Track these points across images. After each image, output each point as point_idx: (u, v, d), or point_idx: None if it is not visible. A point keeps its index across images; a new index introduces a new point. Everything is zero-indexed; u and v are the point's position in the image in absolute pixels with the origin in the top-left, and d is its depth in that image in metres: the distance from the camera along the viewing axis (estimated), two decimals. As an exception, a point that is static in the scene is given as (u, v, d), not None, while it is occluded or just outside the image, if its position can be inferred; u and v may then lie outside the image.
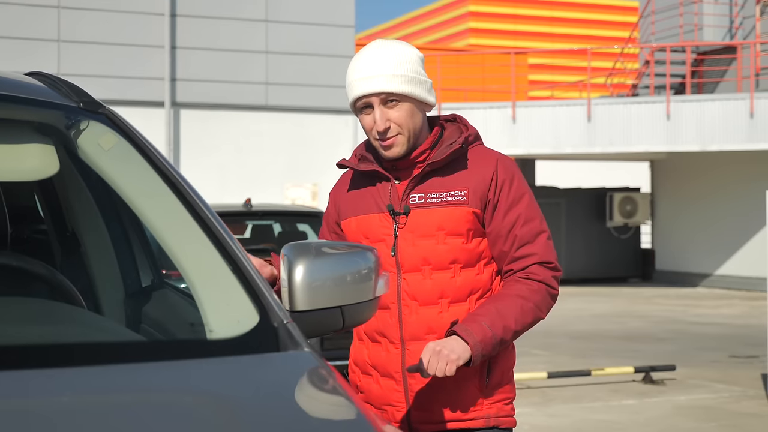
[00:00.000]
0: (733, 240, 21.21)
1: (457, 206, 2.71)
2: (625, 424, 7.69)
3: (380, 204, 2.76)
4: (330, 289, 2.04)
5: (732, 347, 11.98)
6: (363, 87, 2.70)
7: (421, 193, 2.73)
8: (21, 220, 2.96)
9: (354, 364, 2.87)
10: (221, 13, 18.83)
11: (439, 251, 2.70)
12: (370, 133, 2.73)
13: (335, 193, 2.91)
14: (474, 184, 2.73)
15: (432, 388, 2.72)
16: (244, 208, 9.12)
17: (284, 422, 1.69)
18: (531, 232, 2.75)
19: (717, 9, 22.42)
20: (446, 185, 2.73)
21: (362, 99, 2.71)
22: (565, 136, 19.60)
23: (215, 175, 18.50)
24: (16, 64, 16.42)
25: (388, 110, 2.70)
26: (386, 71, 2.69)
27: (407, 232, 2.72)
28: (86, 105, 2.24)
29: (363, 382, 2.83)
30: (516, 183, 2.77)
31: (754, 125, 18.79)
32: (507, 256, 2.75)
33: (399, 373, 2.73)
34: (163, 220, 2.16)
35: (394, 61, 2.71)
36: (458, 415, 2.73)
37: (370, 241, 2.74)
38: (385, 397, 2.76)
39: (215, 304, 2.01)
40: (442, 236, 2.71)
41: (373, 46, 2.76)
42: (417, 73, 2.72)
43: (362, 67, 2.72)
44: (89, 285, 2.56)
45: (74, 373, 1.71)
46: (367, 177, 2.81)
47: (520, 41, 44.87)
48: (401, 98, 2.70)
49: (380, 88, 2.68)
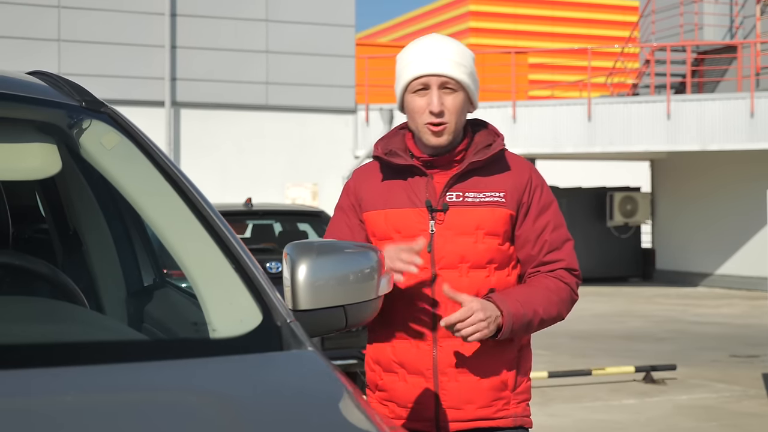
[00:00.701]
0: (734, 239, 21.21)
1: (496, 207, 2.73)
2: (625, 424, 7.69)
3: (414, 199, 2.74)
4: (333, 288, 2.03)
5: (732, 347, 11.98)
6: (426, 66, 2.69)
7: (459, 192, 2.73)
8: (23, 219, 2.96)
9: (374, 363, 2.81)
10: (222, 12, 18.82)
11: (478, 250, 2.71)
12: (421, 116, 2.71)
13: (356, 184, 2.86)
14: (511, 187, 2.76)
15: (464, 387, 2.71)
16: (244, 207, 9.12)
17: (287, 421, 1.69)
18: (559, 239, 2.80)
19: (717, 8, 22.41)
20: (484, 185, 2.75)
21: (421, 79, 2.70)
22: (566, 135, 19.59)
23: (216, 175, 18.50)
24: (16, 63, 16.41)
25: (444, 95, 2.70)
26: (451, 57, 2.70)
27: (445, 229, 2.71)
28: (88, 104, 2.24)
29: (385, 381, 2.78)
30: (546, 190, 2.83)
31: (755, 125, 18.78)
32: (534, 260, 2.79)
33: (430, 371, 2.71)
34: (165, 219, 2.16)
35: (458, 51, 2.73)
36: (489, 413, 2.74)
37: (402, 236, 2.72)
38: (413, 396, 2.74)
39: (218, 303, 2.00)
40: (481, 235, 2.71)
41: (435, 36, 2.77)
42: (473, 70, 2.76)
43: (426, 49, 2.72)
44: (91, 284, 2.56)
45: (77, 372, 1.71)
46: (397, 171, 2.78)
47: (521, 41, 44.85)
48: (458, 88, 2.71)
49: (444, 71, 2.69)
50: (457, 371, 2.70)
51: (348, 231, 2.82)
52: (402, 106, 2.79)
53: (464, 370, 2.71)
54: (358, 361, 7.94)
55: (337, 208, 2.89)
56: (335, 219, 2.87)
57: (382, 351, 2.78)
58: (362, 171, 2.89)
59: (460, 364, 2.71)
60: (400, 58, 2.77)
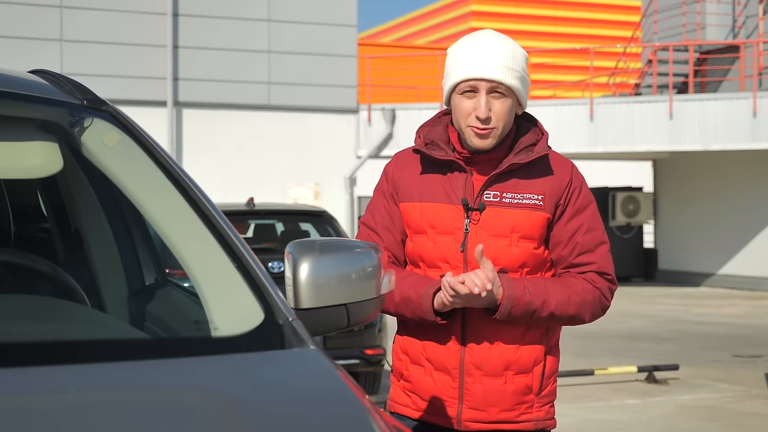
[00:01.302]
0: (736, 239, 21.19)
1: (533, 210, 2.69)
2: (628, 424, 7.68)
3: (451, 195, 2.70)
4: (335, 287, 2.03)
5: (735, 347, 11.97)
6: (476, 70, 2.64)
7: (497, 192, 2.69)
8: (24, 217, 2.96)
9: (403, 353, 2.81)
10: (223, 12, 18.83)
11: (512, 254, 2.68)
12: (466, 118, 2.66)
13: (395, 170, 2.81)
14: (550, 189, 2.71)
15: (489, 389, 2.70)
16: (246, 207, 9.12)
17: (289, 420, 1.69)
18: (593, 242, 2.75)
19: (720, 8, 22.39)
20: (522, 187, 2.70)
21: (470, 81, 2.65)
22: (568, 135, 19.58)
23: (217, 175, 18.50)
24: (19, 63, 16.40)
25: (492, 100, 2.65)
26: (502, 61, 2.65)
27: (480, 229, 2.68)
28: (90, 102, 2.23)
29: (411, 372, 2.78)
30: (585, 191, 2.78)
31: (757, 124, 18.77)
32: (565, 261, 2.75)
33: (456, 370, 2.70)
34: (167, 218, 2.16)
35: (510, 54, 2.67)
36: (511, 416, 2.73)
37: (435, 232, 2.69)
38: (437, 391, 2.73)
39: (220, 301, 2.00)
40: (516, 239, 2.68)
41: (488, 33, 2.71)
42: (525, 72, 2.70)
43: (478, 50, 2.66)
44: (93, 283, 2.56)
45: (78, 370, 1.71)
46: (437, 163, 2.74)
47: (523, 41, 44.83)
48: (508, 92, 2.66)
49: (494, 76, 2.63)
50: (483, 374, 2.70)
51: (388, 218, 2.78)
52: (447, 102, 2.74)
53: (490, 373, 2.70)
54: (359, 360, 7.94)
55: (377, 190, 2.84)
56: (376, 202, 2.83)
57: (411, 343, 2.78)
58: (402, 157, 2.83)
59: (486, 366, 2.69)
60: (452, 54, 2.72)
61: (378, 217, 2.80)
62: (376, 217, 2.80)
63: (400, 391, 2.83)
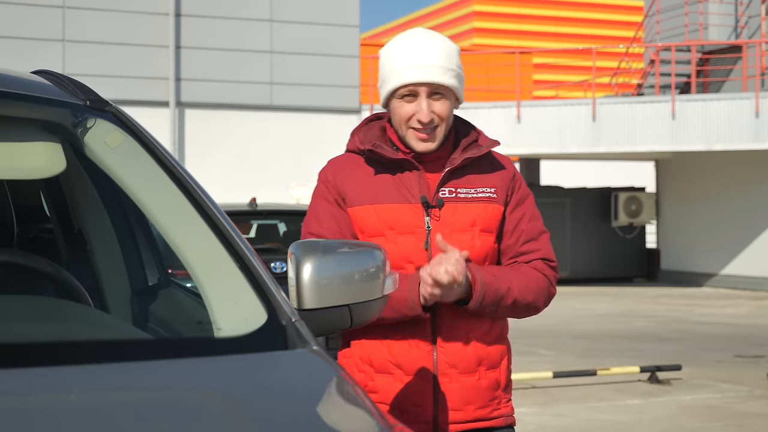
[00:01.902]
0: (739, 239, 21.18)
1: (489, 203, 2.71)
2: (630, 424, 7.68)
3: (406, 194, 2.68)
4: (338, 288, 2.02)
5: (738, 347, 11.96)
6: (414, 75, 2.63)
7: (452, 188, 2.70)
8: (27, 218, 2.96)
9: (365, 363, 2.71)
10: (225, 12, 18.83)
11: (476, 247, 2.68)
12: (408, 121, 2.66)
13: (335, 175, 2.74)
14: (500, 183, 2.75)
15: (465, 387, 2.68)
16: (249, 207, 9.13)
17: (292, 421, 1.69)
18: (536, 230, 2.79)
19: (722, 8, 22.38)
20: (475, 181, 2.72)
21: (409, 86, 2.64)
22: (570, 135, 19.58)
23: (220, 175, 18.50)
24: (20, 63, 16.42)
25: (433, 102, 2.65)
26: (439, 62, 2.64)
27: (441, 226, 2.67)
28: (93, 103, 2.23)
29: (379, 382, 2.69)
30: (524, 183, 2.83)
31: (760, 125, 18.76)
32: (512, 250, 2.76)
33: (430, 372, 2.65)
34: (170, 219, 2.16)
35: (445, 54, 2.66)
36: (485, 413, 2.72)
37: (395, 232, 2.65)
38: (410, 397, 2.66)
39: (223, 302, 2.00)
40: (477, 232, 2.69)
41: (420, 34, 2.69)
42: (460, 69, 2.70)
43: (414, 53, 2.64)
44: (96, 283, 2.56)
45: (81, 371, 1.71)
46: (385, 164, 2.71)
47: (525, 41, 44.85)
48: (447, 93, 2.66)
49: (433, 79, 2.63)
50: (459, 372, 2.67)
51: (336, 223, 2.70)
52: (386, 105, 2.72)
53: (465, 371, 2.67)
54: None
55: (317, 196, 2.75)
56: (321, 209, 2.73)
57: (375, 351, 2.69)
58: (340, 162, 2.78)
59: (461, 364, 2.67)
60: (386, 58, 2.69)
61: (326, 223, 2.70)
62: (323, 223, 2.70)
63: None
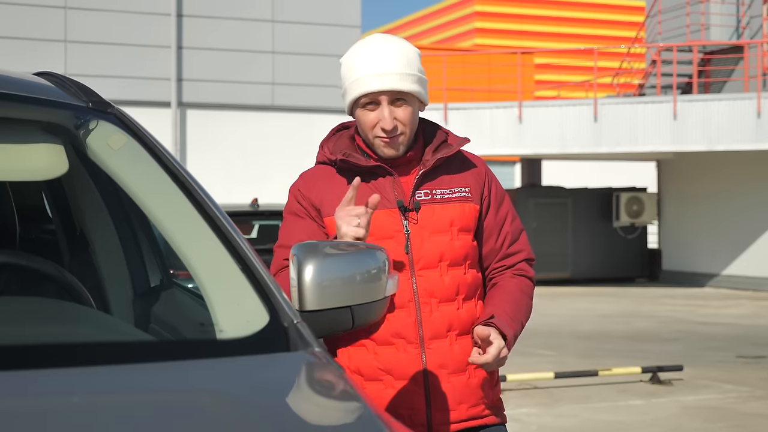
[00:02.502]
0: (740, 240, 21.17)
1: (464, 202, 2.72)
2: (632, 425, 7.68)
3: (382, 200, 2.66)
4: (340, 289, 2.03)
5: (739, 347, 11.96)
6: (373, 83, 2.62)
7: (427, 190, 2.71)
8: (30, 219, 2.96)
9: (353, 372, 2.69)
10: (227, 13, 18.84)
11: (455, 247, 2.69)
12: (371, 130, 2.66)
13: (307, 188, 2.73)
14: (473, 182, 2.76)
15: (456, 386, 2.68)
16: (250, 208, 9.13)
17: (295, 423, 1.69)
18: (518, 229, 2.83)
19: (724, 8, 22.38)
20: (448, 182, 2.73)
21: (369, 95, 2.64)
22: (572, 136, 19.58)
23: (222, 175, 18.51)
24: (22, 64, 16.43)
25: (395, 109, 2.65)
26: (398, 69, 2.63)
27: (420, 228, 2.68)
28: (95, 105, 2.23)
29: (369, 390, 2.66)
30: (496, 179, 2.85)
31: (761, 125, 18.75)
32: (498, 253, 2.79)
33: (420, 374, 2.65)
34: (172, 220, 2.16)
35: (404, 60, 2.65)
36: (478, 412, 2.72)
37: (375, 239, 2.63)
38: (402, 402, 2.66)
39: (225, 303, 2.00)
40: (456, 232, 2.70)
41: (377, 41, 2.68)
42: (421, 73, 2.69)
43: (372, 63, 2.64)
44: (98, 285, 2.56)
45: (83, 373, 1.71)
46: (357, 173, 2.69)
47: (527, 41, 44.85)
48: (409, 98, 2.66)
49: (392, 86, 2.62)
50: (448, 372, 2.67)
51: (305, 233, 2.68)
52: (351, 112, 2.72)
53: (455, 370, 2.68)
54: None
55: (288, 212, 2.74)
56: (290, 224, 2.72)
57: (363, 359, 2.68)
58: (311, 175, 2.77)
59: (450, 364, 2.67)
60: (345, 68, 2.69)
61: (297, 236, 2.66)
62: (293, 235, 2.67)
63: None
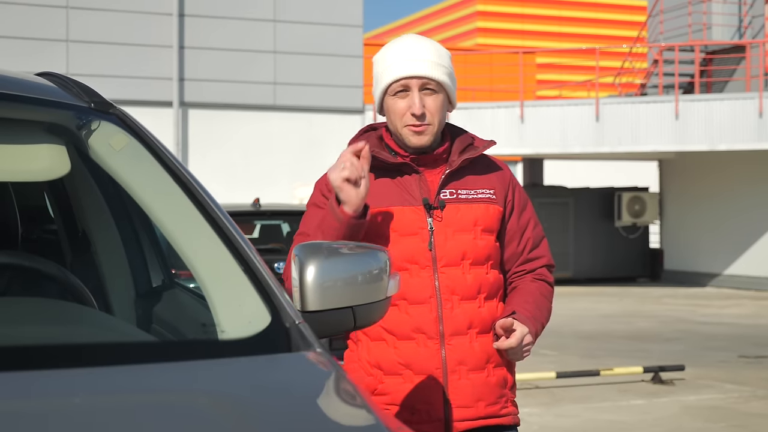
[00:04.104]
0: (742, 240, 21.16)
1: (489, 203, 2.77)
2: (633, 424, 7.68)
3: (407, 197, 2.73)
4: (341, 290, 2.03)
5: (741, 347, 11.96)
6: (406, 68, 2.70)
7: (452, 189, 2.76)
8: (32, 220, 2.97)
9: (373, 367, 2.73)
10: (229, 12, 18.84)
11: (478, 246, 2.74)
12: (402, 117, 2.72)
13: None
14: (498, 184, 2.81)
15: (475, 384, 2.72)
16: (252, 207, 9.13)
17: (296, 423, 1.69)
18: (539, 235, 2.89)
19: (726, 8, 22.36)
20: (473, 183, 2.78)
21: (401, 81, 2.71)
22: (574, 135, 19.57)
23: (223, 175, 18.51)
24: (24, 64, 16.44)
25: (425, 97, 2.71)
26: (430, 58, 2.72)
27: (444, 227, 2.72)
28: (97, 105, 2.24)
29: (388, 384, 2.71)
30: (519, 185, 2.90)
31: (763, 125, 18.74)
32: (520, 257, 2.84)
33: (439, 370, 2.69)
34: (174, 221, 2.16)
35: (435, 51, 2.74)
36: (495, 410, 2.76)
37: (398, 235, 2.70)
38: (420, 397, 2.69)
39: (227, 304, 2.00)
40: (479, 232, 2.75)
41: (411, 36, 2.79)
42: (452, 70, 2.78)
43: (405, 50, 2.73)
44: (100, 285, 2.56)
45: (85, 373, 1.71)
46: (384, 169, 2.76)
47: (528, 41, 44.82)
48: (438, 89, 2.72)
49: (424, 72, 2.70)
50: (467, 368, 2.70)
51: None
52: (381, 108, 2.79)
53: (474, 367, 2.71)
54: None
55: (311, 204, 2.79)
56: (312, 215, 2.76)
57: (383, 354, 2.72)
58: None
59: (469, 361, 2.70)
60: (378, 60, 2.77)
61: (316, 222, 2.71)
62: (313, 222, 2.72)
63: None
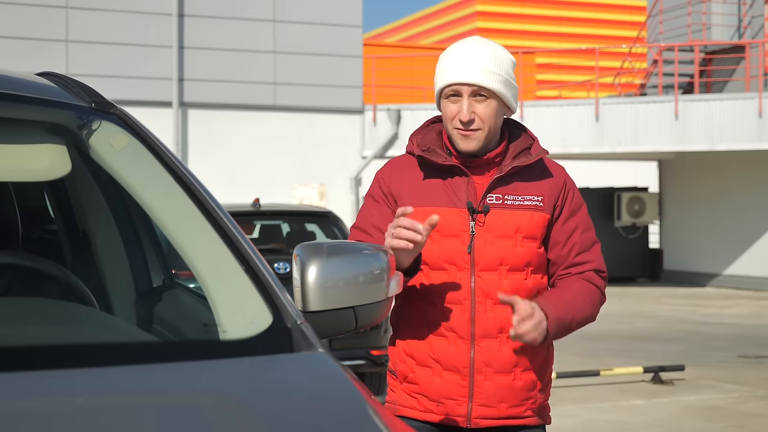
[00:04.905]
0: (742, 240, 21.16)
1: (535, 211, 2.80)
2: (633, 425, 7.68)
3: (454, 199, 2.77)
4: (343, 290, 2.03)
5: (741, 347, 11.96)
6: (457, 75, 2.74)
7: (499, 194, 2.78)
8: (32, 220, 2.96)
9: (407, 356, 2.84)
10: (229, 13, 18.83)
11: (517, 253, 2.77)
12: (452, 121, 2.76)
13: (391, 176, 2.86)
14: (548, 191, 2.83)
15: (499, 386, 2.77)
16: (252, 208, 9.13)
17: (298, 423, 1.69)
18: (589, 241, 2.89)
19: (725, 8, 22.36)
20: (522, 189, 2.80)
21: (452, 86, 2.75)
22: (573, 135, 19.57)
23: (223, 175, 18.51)
24: (24, 64, 16.44)
25: (476, 103, 2.75)
26: (483, 65, 2.74)
27: (485, 231, 2.76)
28: (98, 105, 2.24)
29: (418, 374, 2.82)
30: (577, 193, 2.91)
31: (763, 125, 18.74)
32: (565, 261, 2.86)
33: (466, 368, 2.76)
34: (175, 221, 2.16)
35: (491, 58, 2.76)
36: (519, 412, 2.81)
37: (441, 235, 2.75)
38: (446, 391, 2.78)
39: (228, 304, 2.00)
40: (520, 239, 2.78)
41: (473, 39, 2.82)
42: (509, 76, 2.79)
43: (460, 56, 2.76)
44: (101, 285, 2.56)
45: (86, 374, 1.71)
46: (436, 168, 2.81)
47: (528, 41, 44.81)
48: (490, 95, 2.75)
49: (474, 80, 2.73)
50: (493, 371, 2.77)
51: (380, 219, 2.81)
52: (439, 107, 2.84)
53: (500, 370, 2.77)
54: (365, 361, 7.94)
55: (368, 196, 2.89)
56: (367, 207, 2.87)
57: (417, 346, 2.81)
58: (398, 163, 2.89)
59: (496, 364, 2.77)
60: (440, 60, 2.82)
61: (370, 219, 2.84)
62: (367, 219, 2.85)
63: (405, 394, 2.87)
